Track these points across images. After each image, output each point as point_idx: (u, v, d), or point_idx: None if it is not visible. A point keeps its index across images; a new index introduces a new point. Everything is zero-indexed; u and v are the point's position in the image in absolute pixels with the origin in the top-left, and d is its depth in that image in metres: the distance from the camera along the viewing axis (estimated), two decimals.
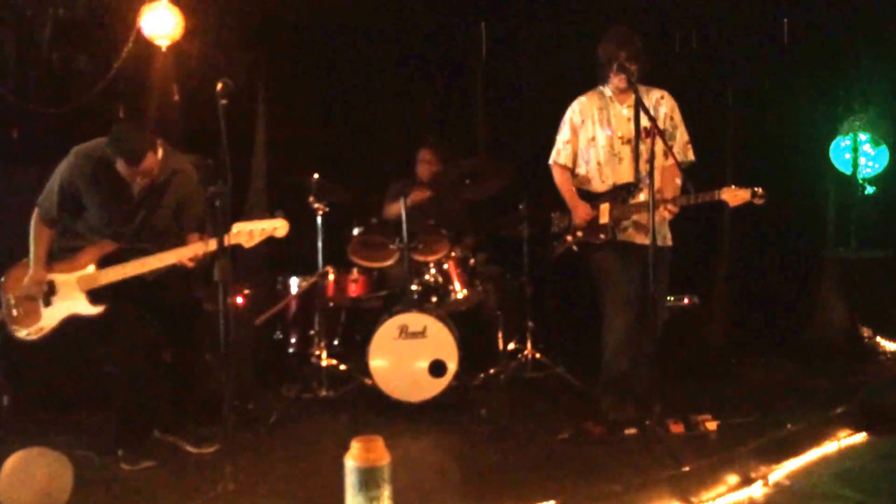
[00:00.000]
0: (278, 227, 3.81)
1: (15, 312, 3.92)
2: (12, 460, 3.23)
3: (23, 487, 3.16)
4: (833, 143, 6.68)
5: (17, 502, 3.12)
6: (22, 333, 3.91)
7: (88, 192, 3.87)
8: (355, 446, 3.04)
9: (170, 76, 5.57)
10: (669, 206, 4.11)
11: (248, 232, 3.78)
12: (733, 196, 3.94)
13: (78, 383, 4.70)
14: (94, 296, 3.85)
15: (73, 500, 3.27)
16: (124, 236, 3.93)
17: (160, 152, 3.90)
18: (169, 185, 3.98)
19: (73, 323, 3.90)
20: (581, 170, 4.52)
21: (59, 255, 3.95)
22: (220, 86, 3.47)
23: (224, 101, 3.49)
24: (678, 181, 4.29)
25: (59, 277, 3.88)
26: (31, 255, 3.92)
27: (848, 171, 6.65)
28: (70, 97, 5.33)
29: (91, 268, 3.85)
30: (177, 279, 4.02)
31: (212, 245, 3.70)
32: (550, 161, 4.61)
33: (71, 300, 3.85)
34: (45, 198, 3.94)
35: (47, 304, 3.88)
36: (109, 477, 3.71)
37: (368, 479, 2.99)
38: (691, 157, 4.43)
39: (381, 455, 3.05)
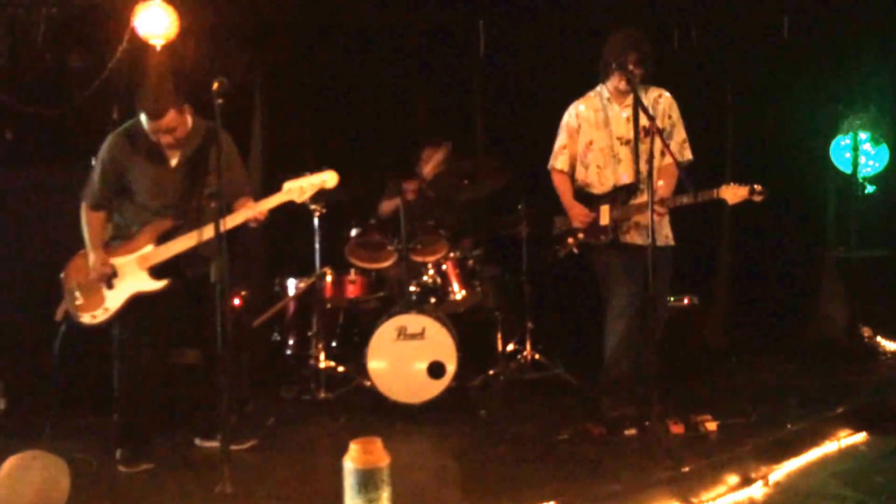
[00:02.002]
0: (327, 179, 3.89)
1: (79, 300, 3.96)
2: (9, 463, 3.21)
3: (20, 491, 3.14)
4: (833, 142, 6.67)
5: None
6: (86, 318, 3.94)
7: (129, 166, 3.92)
8: (354, 448, 3.02)
9: (166, 75, 5.54)
10: (657, 208, 4.07)
11: (300, 188, 3.86)
12: (732, 194, 3.92)
13: (75, 387, 4.68)
14: (156, 272, 3.89)
15: None
16: (174, 210, 3.94)
17: (189, 119, 3.92)
18: (205, 151, 3.98)
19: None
20: (580, 173, 4.50)
21: (116, 242, 4.01)
22: (215, 85, 3.47)
23: (220, 101, 3.49)
24: (673, 181, 4.27)
25: (119, 260, 3.93)
26: (88, 244, 3.96)
27: (848, 170, 6.64)
28: (64, 97, 5.32)
29: (150, 247, 3.89)
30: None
31: (273, 201, 3.85)
32: (549, 166, 4.59)
33: (133, 280, 3.89)
34: (88, 187, 4.01)
35: (110, 287, 3.92)
36: (106, 480, 3.70)
37: (367, 481, 2.97)
38: (688, 155, 4.41)
39: (381, 456, 3.03)
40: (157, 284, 3.89)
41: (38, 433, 4.20)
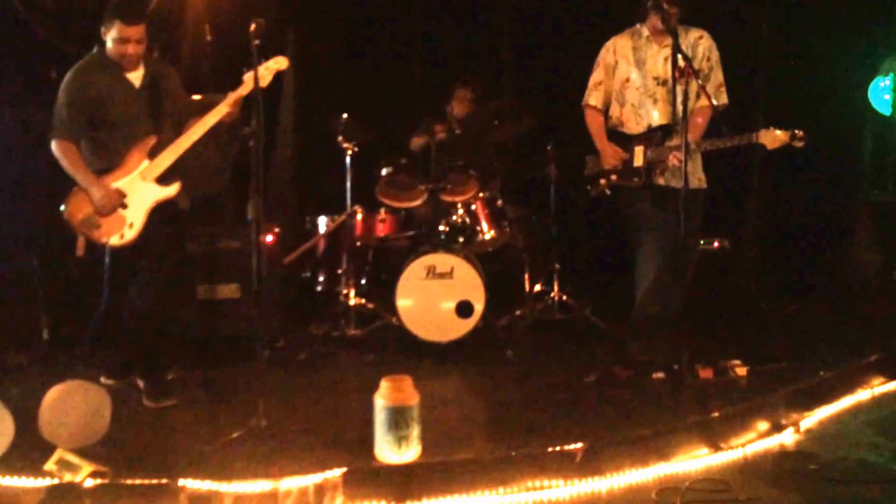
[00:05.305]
0: (280, 60, 3.95)
1: (99, 224, 3.88)
2: (52, 393, 3.28)
3: (62, 420, 3.21)
4: (872, 83, 6.50)
5: (56, 434, 3.17)
6: (115, 240, 3.89)
7: (100, 93, 3.90)
8: (385, 385, 3.06)
9: (202, 16, 5.52)
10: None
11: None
12: (772, 139, 3.83)
13: (117, 317, 4.75)
14: (163, 180, 3.91)
15: (109, 434, 3.32)
16: (145, 135, 3.95)
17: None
18: (161, 76, 4.06)
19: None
20: (615, 111, 4.42)
21: (105, 171, 3.94)
22: (252, 26, 3.47)
23: (257, 42, 3.48)
24: (706, 123, 4.20)
25: (121, 182, 3.90)
26: (81, 178, 3.89)
27: (887, 111, 6.48)
28: None
29: (145, 162, 3.90)
30: (161, 221, 3.99)
31: (239, 92, 3.85)
32: (582, 102, 4.52)
33: (146, 191, 3.90)
34: (56, 123, 3.93)
35: (124, 206, 3.89)
36: (146, 411, 3.78)
37: (398, 419, 3.02)
38: (724, 99, 4.32)
39: (411, 395, 3.07)
40: (171, 189, 3.91)
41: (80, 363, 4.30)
